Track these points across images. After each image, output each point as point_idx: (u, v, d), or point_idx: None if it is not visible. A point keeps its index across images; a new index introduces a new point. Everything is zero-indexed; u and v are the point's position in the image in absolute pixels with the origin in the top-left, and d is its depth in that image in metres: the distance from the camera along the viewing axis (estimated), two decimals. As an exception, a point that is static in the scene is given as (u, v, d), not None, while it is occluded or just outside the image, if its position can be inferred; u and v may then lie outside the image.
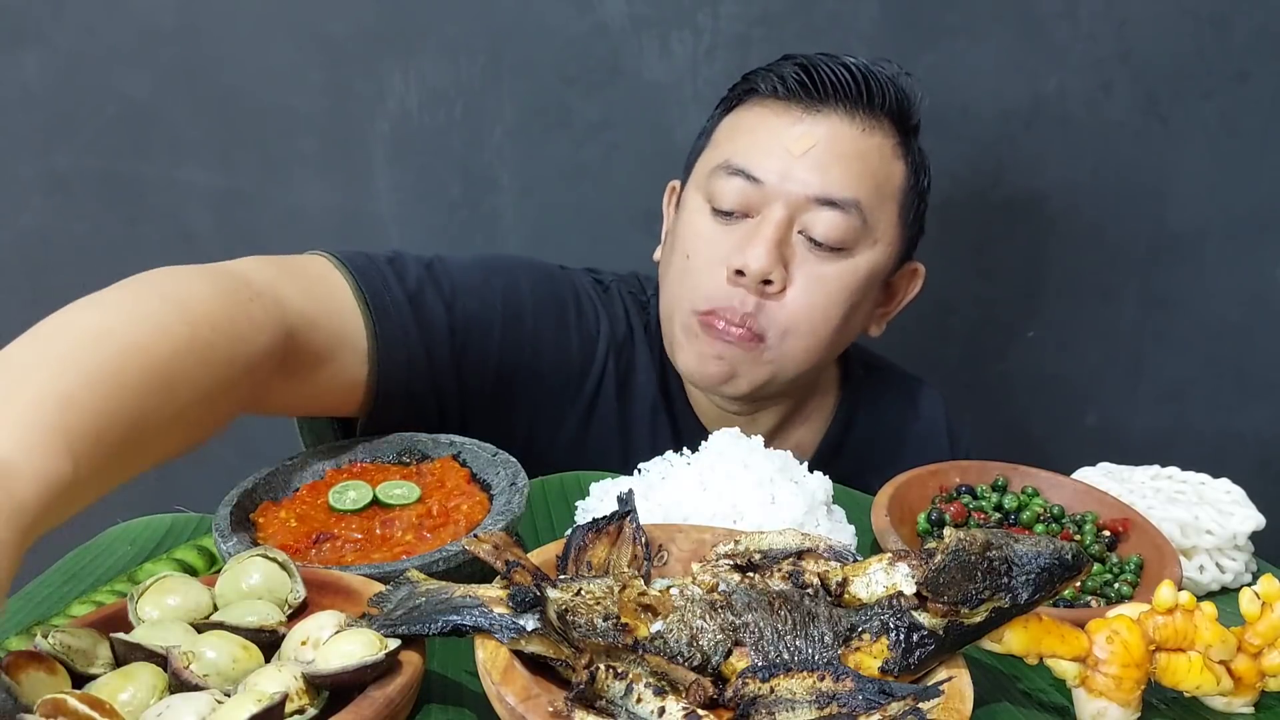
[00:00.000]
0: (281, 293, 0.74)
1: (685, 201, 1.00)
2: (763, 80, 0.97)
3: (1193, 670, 0.57)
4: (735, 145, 0.96)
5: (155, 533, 0.83)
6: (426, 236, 1.40)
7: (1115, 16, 1.36)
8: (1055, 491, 0.83)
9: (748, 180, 0.93)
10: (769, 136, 0.94)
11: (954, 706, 0.51)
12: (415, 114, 1.35)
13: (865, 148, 0.94)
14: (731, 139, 0.97)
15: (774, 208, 0.92)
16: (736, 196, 0.93)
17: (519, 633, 0.52)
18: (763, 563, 0.60)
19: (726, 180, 0.94)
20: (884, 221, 0.96)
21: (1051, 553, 0.54)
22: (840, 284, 0.94)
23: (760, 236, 0.91)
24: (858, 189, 0.93)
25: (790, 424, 1.11)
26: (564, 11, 1.33)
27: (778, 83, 0.95)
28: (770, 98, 0.96)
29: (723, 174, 0.94)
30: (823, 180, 0.92)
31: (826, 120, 0.94)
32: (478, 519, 0.73)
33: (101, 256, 1.38)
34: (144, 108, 1.33)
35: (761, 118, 0.96)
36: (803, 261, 0.93)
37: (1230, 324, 1.48)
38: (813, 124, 0.93)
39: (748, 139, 0.95)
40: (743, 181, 0.93)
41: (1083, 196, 1.43)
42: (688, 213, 0.98)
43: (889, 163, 0.96)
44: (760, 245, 0.91)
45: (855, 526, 0.78)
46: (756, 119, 0.96)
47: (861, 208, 0.93)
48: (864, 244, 0.95)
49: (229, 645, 0.53)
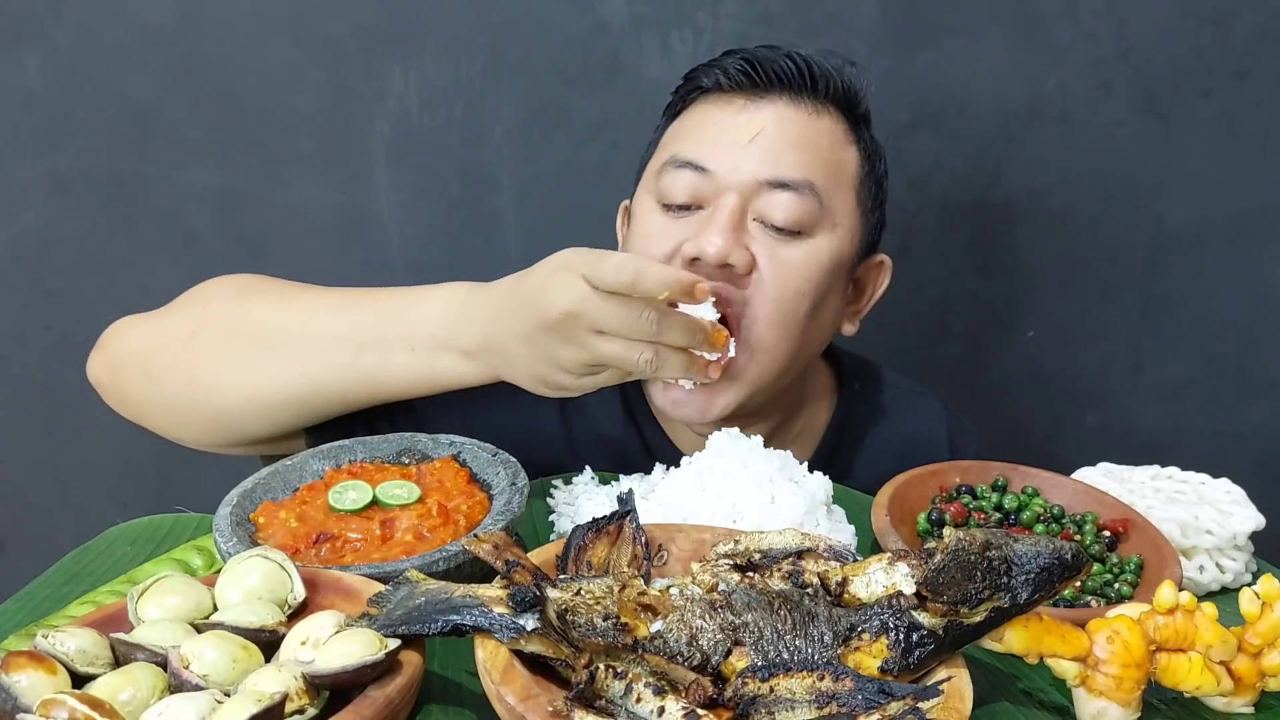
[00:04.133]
0: None
1: (635, 209, 0.99)
2: (705, 75, 0.96)
3: (1193, 670, 0.57)
4: (682, 142, 0.95)
5: (155, 533, 0.83)
6: (426, 236, 1.40)
7: (1115, 16, 1.36)
8: (1055, 491, 0.83)
9: (697, 171, 0.91)
10: (715, 128, 0.93)
11: (954, 706, 0.51)
12: (415, 114, 1.35)
13: (813, 132, 0.93)
14: (677, 138, 0.96)
15: (727, 196, 0.90)
16: (687, 189, 0.91)
17: (519, 632, 0.52)
18: (763, 563, 0.60)
19: (675, 174, 0.92)
20: (841, 206, 0.94)
21: (1051, 553, 0.54)
22: (804, 267, 0.92)
23: (714, 222, 0.89)
24: (810, 171, 0.91)
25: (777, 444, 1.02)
26: (564, 11, 1.33)
27: (720, 75, 0.95)
28: (714, 92, 0.96)
29: (671, 169, 0.93)
30: (774, 164, 0.91)
31: (772, 106, 0.93)
32: (478, 519, 0.73)
33: (101, 256, 1.38)
34: (144, 108, 1.33)
35: (706, 112, 0.95)
36: (763, 245, 0.91)
37: (1230, 324, 1.48)
38: (757, 111, 0.93)
39: (694, 134, 0.94)
40: (692, 173, 0.91)
41: (1082, 196, 1.43)
42: (637, 219, 0.97)
43: (840, 148, 0.95)
44: (714, 229, 0.88)
45: (855, 526, 0.78)
46: (701, 114, 0.96)
47: (816, 189, 0.91)
48: (823, 227, 0.92)
49: (229, 645, 0.53)
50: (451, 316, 0.83)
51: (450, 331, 0.83)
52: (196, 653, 0.52)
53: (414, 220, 1.40)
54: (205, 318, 0.89)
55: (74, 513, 1.47)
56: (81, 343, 1.41)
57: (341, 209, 1.39)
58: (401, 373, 0.85)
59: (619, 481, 0.85)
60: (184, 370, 0.87)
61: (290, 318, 0.87)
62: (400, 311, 0.85)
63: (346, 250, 1.40)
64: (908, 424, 1.10)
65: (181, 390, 0.88)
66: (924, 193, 1.41)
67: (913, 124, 1.36)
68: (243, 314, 0.89)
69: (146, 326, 0.91)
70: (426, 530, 0.71)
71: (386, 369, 0.85)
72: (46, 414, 1.45)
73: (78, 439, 1.46)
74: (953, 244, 1.40)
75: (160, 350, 0.89)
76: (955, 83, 1.04)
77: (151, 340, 0.90)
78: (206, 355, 0.86)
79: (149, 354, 0.89)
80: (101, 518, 0.89)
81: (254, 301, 0.90)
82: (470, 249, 1.40)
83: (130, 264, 1.39)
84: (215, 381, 0.87)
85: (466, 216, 1.40)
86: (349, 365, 0.85)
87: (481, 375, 0.84)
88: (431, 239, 1.40)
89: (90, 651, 0.53)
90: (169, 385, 0.88)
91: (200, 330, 0.87)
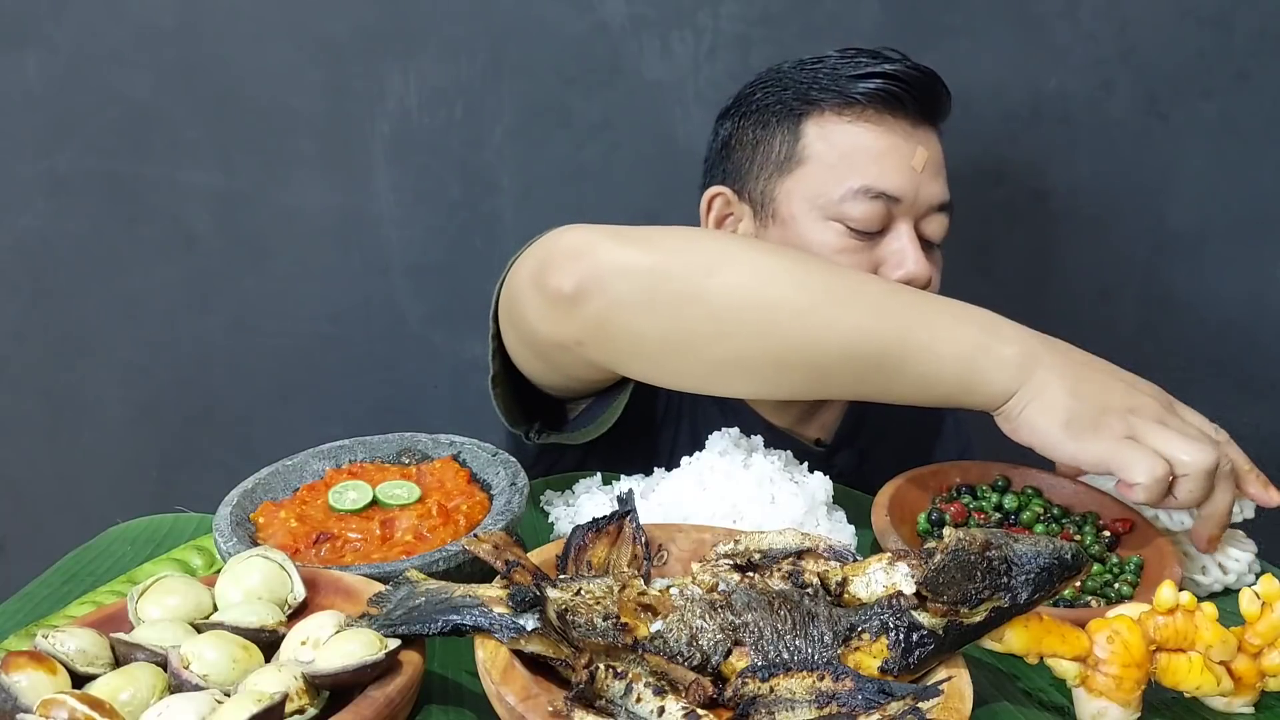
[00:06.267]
0: None
1: (806, 222, 1.00)
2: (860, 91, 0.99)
3: (1193, 670, 0.57)
4: (865, 169, 0.99)
5: (155, 533, 0.83)
6: (426, 237, 1.40)
7: (1116, 16, 1.36)
8: (1056, 491, 0.83)
9: (889, 200, 0.99)
10: (894, 155, 1.00)
11: (954, 706, 0.51)
12: (415, 114, 1.35)
13: (941, 152, 1.05)
14: (855, 165, 0.99)
15: (906, 221, 1.00)
16: (880, 218, 0.99)
17: (519, 632, 0.52)
18: (763, 562, 0.60)
19: (870, 204, 0.98)
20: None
21: (1051, 553, 0.54)
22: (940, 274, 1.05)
23: (912, 247, 0.99)
24: (947, 190, 1.04)
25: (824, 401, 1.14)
26: (564, 11, 1.33)
27: (882, 96, 0.99)
28: (870, 108, 1.00)
29: (865, 199, 0.98)
30: (940, 189, 1.02)
31: (926, 133, 1.03)
32: (478, 519, 0.73)
33: (101, 256, 1.38)
34: (144, 108, 1.33)
35: (875, 136, 1.00)
36: (931, 262, 1.02)
37: (1231, 324, 1.48)
38: (923, 137, 1.02)
39: (879, 163, 0.99)
40: (884, 203, 0.99)
41: (1083, 196, 1.43)
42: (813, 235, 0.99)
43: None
44: (915, 256, 0.99)
45: (855, 526, 0.78)
46: (872, 138, 1.00)
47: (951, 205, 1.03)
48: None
49: (229, 645, 0.53)
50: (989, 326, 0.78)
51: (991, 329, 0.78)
52: (196, 653, 0.52)
53: (414, 221, 1.40)
54: (726, 254, 0.77)
55: (74, 513, 1.47)
56: (82, 343, 1.42)
57: (341, 209, 1.39)
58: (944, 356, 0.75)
59: (619, 481, 0.85)
60: (710, 332, 0.75)
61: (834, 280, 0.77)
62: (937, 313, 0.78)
63: (346, 251, 1.40)
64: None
65: (698, 329, 0.76)
66: (924, 193, 1.41)
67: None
68: (767, 261, 0.77)
69: (672, 262, 0.77)
70: (426, 530, 0.71)
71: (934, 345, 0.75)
72: (46, 414, 1.45)
73: (78, 439, 1.45)
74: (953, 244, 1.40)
75: (683, 300, 0.75)
76: (956, 83, 1.05)
77: (672, 284, 0.76)
78: (733, 323, 0.75)
79: (656, 279, 0.76)
80: (101, 518, 0.89)
81: (771, 256, 0.79)
82: (470, 250, 1.40)
83: (130, 264, 1.39)
84: (725, 357, 0.76)
85: (466, 217, 1.40)
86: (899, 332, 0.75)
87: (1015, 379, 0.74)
88: (431, 240, 1.40)
89: (90, 651, 0.53)
90: (682, 321, 0.76)
91: (720, 267, 0.76)
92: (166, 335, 1.42)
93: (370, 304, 1.42)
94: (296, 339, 1.43)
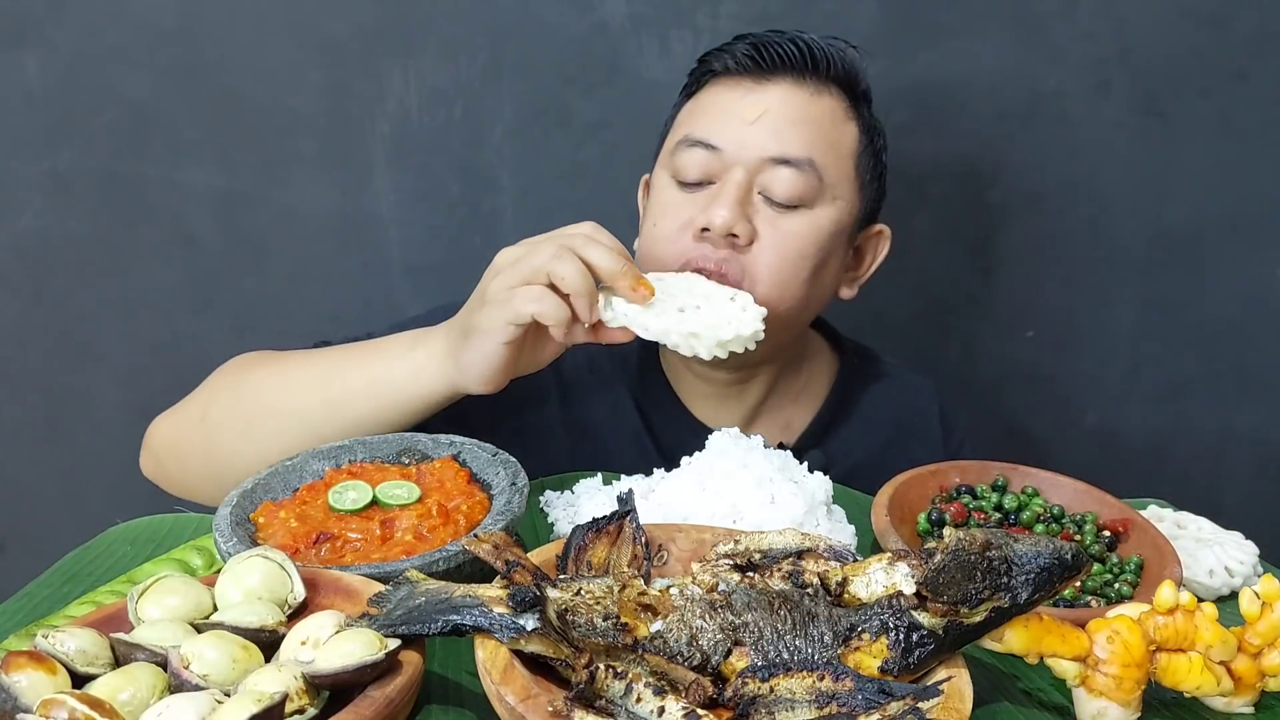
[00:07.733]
0: None
1: (654, 182, 1.07)
2: (716, 59, 1.04)
3: (1193, 670, 0.58)
4: (695, 122, 1.02)
5: (155, 533, 0.83)
6: (426, 236, 1.40)
7: (1114, 16, 1.36)
8: (1055, 491, 0.84)
9: (707, 149, 0.99)
10: (724, 109, 1.01)
11: (954, 706, 0.51)
12: (415, 114, 1.35)
13: (815, 111, 1.01)
14: (691, 118, 1.04)
15: (733, 171, 0.98)
16: (699, 166, 0.99)
17: (519, 632, 0.52)
18: (763, 563, 0.60)
19: (688, 152, 1.00)
20: (841, 180, 1.02)
21: (1051, 553, 0.54)
22: (804, 237, 0.99)
23: (722, 196, 0.97)
24: (811, 149, 0.99)
25: (779, 399, 1.13)
26: (564, 11, 1.33)
27: (729, 59, 1.03)
28: (724, 75, 1.03)
29: (684, 148, 1.01)
30: (777, 142, 0.98)
31: (777, 88, 1.00)
32: (478, 519, 0.73)
33: (101, 257, 1.38)
34: (144, 108, 1.33)
35: (717, 94, 1.03)
36: (765, 218, 0.98)
37: (1229, 324, 1.48)
38: (763, 93, 1.00)
39: (706, 115, 1.02)
40: (703, 151, 0.99)
41: (1081, 195, 1.43)
42: (655, 193, 1.05)
43: (840, 125, 1.02)
44: (722, 203, 0.96)
45: (855, 526, 0.78)
46: (712, 96, 1.03)
47: (816, 165, 0.99)
48: (823, 200, 1.00)
49: (229, 645, 0.53)
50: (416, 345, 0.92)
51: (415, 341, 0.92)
52: (196, 653, 0.52)
53: (414, 220, 1.40)
54: (212, 399, 0.97)
55: (74, 513, 1.47)
56: (82, 343, 1.42)
57: (341, 209, 1.39)
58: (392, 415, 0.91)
59: (619, 481, 0.85)
60: (202, 448, 0.95)
61: (285, 386, 0.94)
62: (379, 372, 0.91)
63: (346, 251, 1.40)
64: (903, 396, 1.19)
65: (205, 466, 0.96)
66: (922, 193, 1.41)
67: (911, 124, 1.36)
68: (242, 391, 0.96)
69: (172, 418, 1.00)
70: (426, 530, 0.71)
71: (378, 415, 0.91)
72: (46, 414, 1.45)
73: (78, 439, 1.45)
74: (951, 244, 1.40)
75: (182, 435, 0.98)
76: (954, 83, 1.05)
77: (175, 428, 0.99)
78: (216, 432, 0.95)
79: (176, 440, 0.99)
80: (101, 518, 0.89)
81: (250, 377, 0.97)
82: (470, 249, 1.40)
83: (130, 264, 1.39)
84: (230, 454, 0.92)
85: (466, 217, 1.40)
86: (338, 425, 0.90)
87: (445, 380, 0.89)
88: (431, 239, 1.40)
89: (90, 651, 0.53)
90: (194, 464, 0.97)
91: (207, 411, 0.96)
92: (166, 335, 1.42)
93: (370, 304, 1.42)
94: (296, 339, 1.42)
